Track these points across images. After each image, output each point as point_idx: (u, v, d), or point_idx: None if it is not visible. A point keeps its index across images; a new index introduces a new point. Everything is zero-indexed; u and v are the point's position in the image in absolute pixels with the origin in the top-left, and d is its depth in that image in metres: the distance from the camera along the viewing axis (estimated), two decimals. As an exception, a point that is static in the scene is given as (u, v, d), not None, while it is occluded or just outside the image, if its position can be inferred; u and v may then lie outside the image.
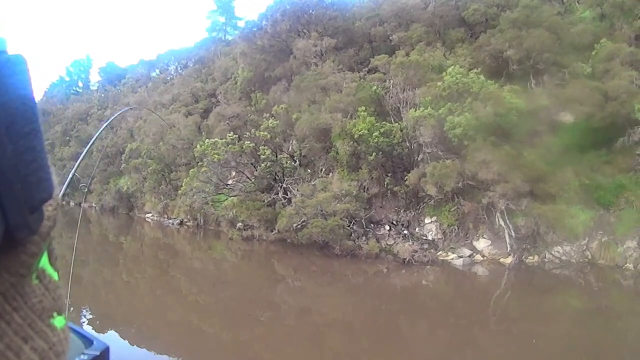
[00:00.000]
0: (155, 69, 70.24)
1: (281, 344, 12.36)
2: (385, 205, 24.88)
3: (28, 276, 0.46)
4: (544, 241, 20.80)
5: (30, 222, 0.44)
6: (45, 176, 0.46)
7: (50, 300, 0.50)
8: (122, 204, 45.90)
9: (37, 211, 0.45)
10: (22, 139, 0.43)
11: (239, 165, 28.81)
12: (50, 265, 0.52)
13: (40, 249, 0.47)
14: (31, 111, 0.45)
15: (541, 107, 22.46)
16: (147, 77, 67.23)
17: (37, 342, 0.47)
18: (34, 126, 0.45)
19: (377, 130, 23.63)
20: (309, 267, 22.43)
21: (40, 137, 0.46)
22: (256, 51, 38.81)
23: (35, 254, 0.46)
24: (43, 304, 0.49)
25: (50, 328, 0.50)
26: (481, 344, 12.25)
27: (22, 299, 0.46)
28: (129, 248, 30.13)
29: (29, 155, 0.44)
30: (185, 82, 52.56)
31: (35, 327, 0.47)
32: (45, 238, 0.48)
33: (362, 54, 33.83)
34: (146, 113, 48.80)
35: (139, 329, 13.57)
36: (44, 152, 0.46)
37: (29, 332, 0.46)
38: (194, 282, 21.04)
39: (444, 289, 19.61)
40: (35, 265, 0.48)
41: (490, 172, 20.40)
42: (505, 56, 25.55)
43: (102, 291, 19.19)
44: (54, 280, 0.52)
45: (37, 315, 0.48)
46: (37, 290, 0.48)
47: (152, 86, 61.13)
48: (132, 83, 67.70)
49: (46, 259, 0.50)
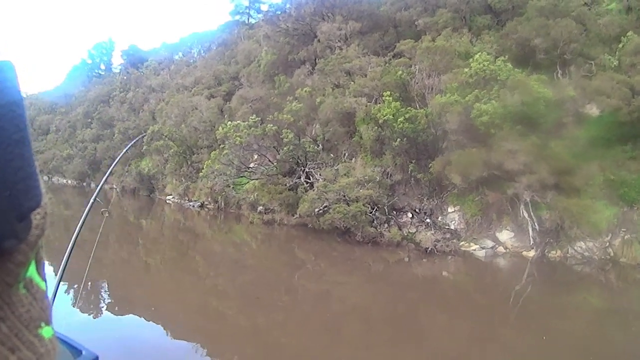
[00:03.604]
0: (178, 52, 70.43)
1: (299, 330, 12.23)
2: (409, 192, 24.53)
3: (15, 285, 0.46)
4: (567, 236, 20.31)
5: (17, 231, 0.44)
6: (33, 184, 0.45)
7: (38, 310, 0.49)
8: (143, 186, 46.12)
9: (25, 219, 0.45)
10: (10, 147, 0.43)
11: (261, 149, 28.66)
12: (38, 274, 0.50)
13: (28, 258, 0.46)
14: (19, 118, 0.45)
15: (568, 98, 21.99)
16: (169, 60, 67.38)
17: (24, 353, 0.46)
18: (22, 134, 0.44)
19: (402, 116, 23.25)
20: (329, 253, 22.24)
21: (28, 144, 0.45)
22: (280, 34, 38.57)
23: (22, 263, 0.46)
24: (30, 314, 0.48)
25: (38, 338, 0.49)
26: (500, 338, 11.98)
27: (9, 308, 0.45)
28: (149, 230, 30.20)
29: (17, 162, 0.43)
30: (208, 65, 52.55)
31: (23, 337, 0.47)
32: (33, 247, 0.47)
33: (387, 38, 33.37)
34: (168, 95, 48.95)
35: (157, 311, 13.49)
36: (32, 159, 0.46)
37: (16, 342, 0.46)
38: (214, 265, 20.98)
39: (465, 280, 19.30)
40: (23, 274, 0.47)
41: (516, 162, 19.96)
42: (532, 45, 25.03)
43: (122, 273, 19.20)
44: (41, 290, 0.50)
45: (25, 325, 0.47)
46: (25, 300, 0.47)
47: (174, 69, 61.22)
48: (154, 66, 67.90)
49: (34, 268, 0.49)
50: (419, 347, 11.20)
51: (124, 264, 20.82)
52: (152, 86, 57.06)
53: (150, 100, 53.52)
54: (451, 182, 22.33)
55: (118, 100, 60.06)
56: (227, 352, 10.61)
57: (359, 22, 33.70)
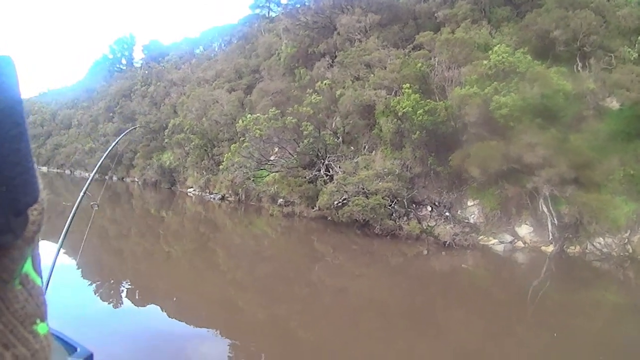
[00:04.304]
0: (199, 46, 70.86)
1: (317, 322, 12.32)
2: (428, 185, 24.46)
3: (11, 281, 0.46)
4: (586, 231, 20.01)
5: (14, 227, 0.43)
6: (30, 179, 0.45)
7: (34, 306, 0.49)
8: (164, 179, 46.60)
9: (21, 215, 0.44)
10: (8, 142, 0.42)
11: (281, 141, 28.77)
12: (34, 270, 0.50)
13: (24, 254, 0.46)
14: (18, 114, 0.44)
15: (587, 91, 21.81)
16: (190, 54, 67.83)
17: (19, 349, 0.46)
18: (20, 129, 0.44)
19: (421, 108, 23.17)
20: (348, 246, 22.30)
21: (26, 139, 0.45)
22: (299, 27, 38.67)
23: (18, 259, 0.46)
24: (26, 310, 0.48)
25: (33, 334, 0.49)
26: (516, 333, 11.94)
27: (4, 304, 0.45)
28: (171, 222, 30.51)
29: (14, 157, 0.43)
30: (229, 59, 52.83)
31: (18, 333, 0.46)
32: (30, 243, 0.47)
33: (407, 30, 33.23)
34: (189, 89, 49.29)
35: (178, 302, 13.68)
36: (30, 155, 0.45)
37: (11, 338, 0.46)
38: (234, 256, 21.16)
39: (484, 275, 19.22)
40: (19, 270, 0.47)
41: (536, 156, 19.78)
42: (551, 37, 24.75)
43: (143, 264, 19.46)
44: (37, 286, 0.50)
45: (20, 321, 0.47)
46: (20, 296, 0.47)
47: (195, 63, 61.63)
48: (175, 60, 68.39)
49: (30, 264, 0.49)
50: (436, 341, 11.23)
51: (145, 255, 21.10)
52: (173, 80, 57.49)
53: (171, 94, 53.91)
54: (471, 176, 22.17)
55: (139, 95, 60.60)
56: (245, 343, 10.74)
57: (378, 15, 33.62)
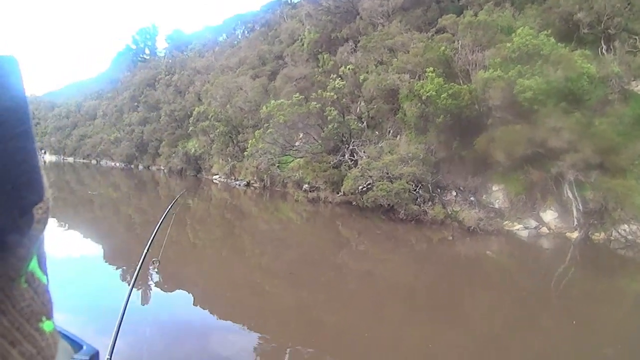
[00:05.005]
0: (222, 34, 71.08)
1: (342, 307, 12.38)
2: (453, 170, 24.32)
3: (17, 280, 0.46)
4: (611, 218, 19.62)
5: (19, 225, 0.44)
6: (36, 178, 0.45)
7: (39, 304, 0.50)
8: (189, 166, 47.14)
9: (27, 214, 0.45)
10: (13, 140, 0.42)
11: (306, 127, 28.85)
12: (40, 268, 0.50)
13: (30, 252, 0.47)
14: (23, 112, 0.44)
15: (612, 74, 21.42)
16: (213, 42, 68.13)
17: (25, 347, 0.46)
18: (25, 127, 0.44)
19: (445, 92, 23.03)
20: (373, 231, 22.33)
21: (31, 138, 0.45)
22: (322, 12, 38.60)
23: (24, 258, 0.46)
24: (32, 308, 0.48)
25: (39, 332, 0.49)
26: (541, 322, 11.83)
27: (11, 302, 0.45)
28: (196, 209, 30.82)
29: (19, 156, 0.43)
30: (252, 45, 52.99)
31: (24, 331, 0.47)
32: (35, 241, 0.47)
33: (430, 14, 32.95)
34: (213, 76, 49.61)
35: (204, 289, 13.87)
36: (35, 153, 0.45)
37: (17, 336, 0.46)
38: (259, 242, 21.32)
39: (508, 261, 19.09)
40: (25, 268, 0.47)
41: (560, 140, 19.55)
42: (575, 19, 24.31)
43: (169, 251, 19.71)
44: (43, 284, 0.51)
45: (26, 319, 0.47)
46: (26, 294, 0.48)
47: (218, 50, 61.93)
48: (199, 48, 68.83)
49: (35, 262, 0.49)
50: (460, 326, 11.23)
51: (171, 242, 21.36)
52: (196, 68, 57.90)
53: (195, 82, 54.32)
54: (496, 160, 22.00)
55: (164, 84, 61.18)
56: (271, 327, 10.86)
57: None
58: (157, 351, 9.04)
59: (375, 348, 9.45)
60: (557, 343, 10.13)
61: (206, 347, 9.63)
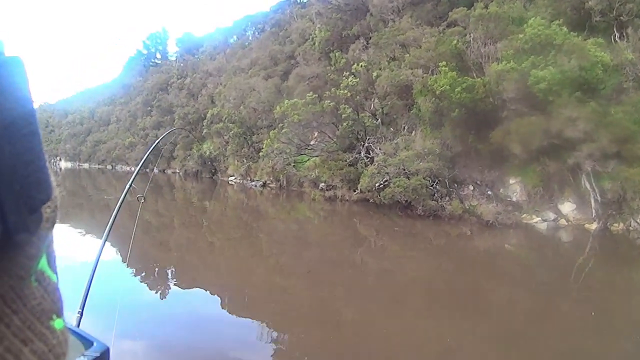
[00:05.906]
0: (232, 35, 71.38)
1: (361, 304, 12.39)
2: (469, 164, 24.20)
3: (27, 278, 0.46)
4: (629, 208, 19.50)
5: (29, 224, 0.44)
6: (44, 177, 0.45)
7: (50, 303, 0.50)
8: (205, 169, 47.37)
9: (36, 213, 0.45)
10: (21, 140, 0.43)
11: (321, 125, 28.90)
12: (49, 267, 0.51)
13: (39, 251, 0.47)
14: (29, 112, 0.44)
15: (626, 61, 21.18)
16: (224, 44, 68.41)
17: (36, 345, 0.46)
18: (32, 127, 0.44)
19: (459, 86, 22.94)
20: (391, 228, 22.30)
21: (38, 138, 0.45)
22: (332, 11, 38.66)
23: (34, 256, 0.46)
24: (42, 306, 0.48)
25: (50, 330, 0.49)
26: (561, 315, 11.79)
27: (21, 301, 0.45)
28: (213, 211, 30.95)
29: (27, 156, 0.43)
30: (263, 46, 53.14)
31: (35, 329, 0.47)
32: (44, 240, 0.47)
33: (440, 8, 32.83)
34: (225, 78, 49.78)
35: (222, 289, 13.93)
36: (42, 153, 0.46)
37: (29, 334, 0.46)
38: (277, 242, 21.35)
39: (527, 254, 18.96)
40: (34, 267, 0.47)
41: (576, 130, 19.39)
42: (586, 7, 24.06)
43: (187, 253, 19.80)
44: (53, 282, 0.51)
45: (37, 317, 0.47)
46: (37, 293, 0.48)
47: (230, 52, 62.15)
48: (210, 51, 69.15)
49: (45, 260, 0.49)
50: (481, 321, 11.19)
51: (189, 244, 21.50)
52: (208, 71, 58.19)
53: (208, 85, 54.58)
54: (512, 153, 21.88)
55: (176, 87, 61.53)
56: (291, 325, 10.92)
57: (411, -7, 33.38)
58: (174, 347, 9.13)
59: (394, 343, 9.46)
60: (577, 335, 10.11)
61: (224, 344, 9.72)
